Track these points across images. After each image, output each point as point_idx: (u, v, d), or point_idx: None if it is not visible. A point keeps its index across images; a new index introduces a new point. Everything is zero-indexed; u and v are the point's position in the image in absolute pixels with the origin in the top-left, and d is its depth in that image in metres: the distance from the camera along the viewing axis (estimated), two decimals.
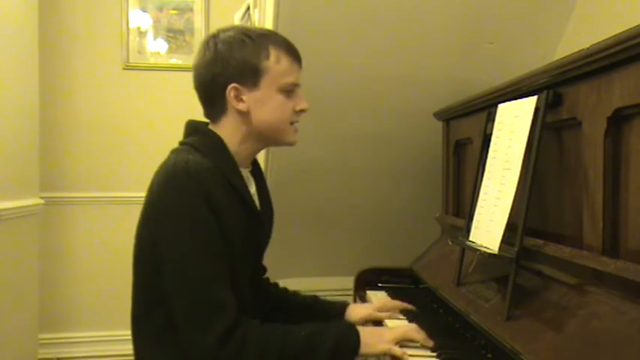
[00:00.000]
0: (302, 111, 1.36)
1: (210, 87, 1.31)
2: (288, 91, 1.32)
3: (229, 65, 1.28)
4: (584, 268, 1.02)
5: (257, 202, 1.39)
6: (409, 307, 1.59)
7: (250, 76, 1.28)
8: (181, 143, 1.35)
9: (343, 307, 1.55)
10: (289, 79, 1.32)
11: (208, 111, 1.36)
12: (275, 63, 1.30)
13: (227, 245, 1.24)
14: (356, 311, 1.54)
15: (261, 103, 1.30)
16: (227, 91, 1.29)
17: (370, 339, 1.27)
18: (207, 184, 1.21)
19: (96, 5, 3.36)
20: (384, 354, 1.27)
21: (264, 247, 1.46)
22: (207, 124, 1.37)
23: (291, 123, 1.35)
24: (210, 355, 1.17)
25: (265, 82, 1.29)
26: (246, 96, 1.29)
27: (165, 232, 1.22)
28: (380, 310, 1.54)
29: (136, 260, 1.31)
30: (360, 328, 1.29)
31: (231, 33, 1.31)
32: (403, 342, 1.28)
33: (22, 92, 2.78)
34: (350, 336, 1.26)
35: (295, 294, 1.60)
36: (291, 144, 1.38)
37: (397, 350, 1.25)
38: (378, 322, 1.52)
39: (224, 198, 1.24)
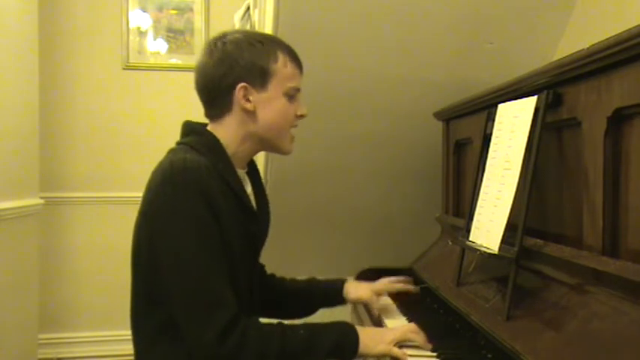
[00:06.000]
0: (302, 116, 1.39)
1: (217, 86, 1.31)
2: (291, 95, 1.35)
3: (238, 65, 1.29)
4: (584, 268, 1.02)
5: (253, 202, 1.40)
6: (410, 288, 1.67)
7: (259, 77, 1.31)
8: (178, 143, 1.36)
9: (340, 286, 1.59)
10: (293, 84, 1.34)
11: (210, 111, 1.37)
12: (283, 67, 1.32)
13: (225, 243, 1.24)
14: (353, 290, 1.59)
15: (267, 105, 1.32)
16: (236, 90, 1.30)
17: (370, 340, 1.27)
18: (204, 182, 1.22)
19: (96, 5, 3.37)
20: (384, 355, 1.28)
21: (261, 247, 1.46)
22: (203, 125, 1.38)
23: (291, 127, 1.38)
24: (211, 350, 1.17)
25: (273, 85, 1.32)
26: (253, 96, 1.31)
27: (163, 229, 1.22)
28: (378, 291, 1.60)
29: (135, 259, 1.31)
30: (359, 329, 1.29)
31: (238, 35, 1.33)
32: (402, 343, 1.28)
33: (22, 92, 2.78)
34: (350, 337, 1.27)
35: (292, 280, 1.63)
36: (286, 153, 1.40)
37: (397, 351, 1.25)
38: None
39: (221, 196, 1.24)
